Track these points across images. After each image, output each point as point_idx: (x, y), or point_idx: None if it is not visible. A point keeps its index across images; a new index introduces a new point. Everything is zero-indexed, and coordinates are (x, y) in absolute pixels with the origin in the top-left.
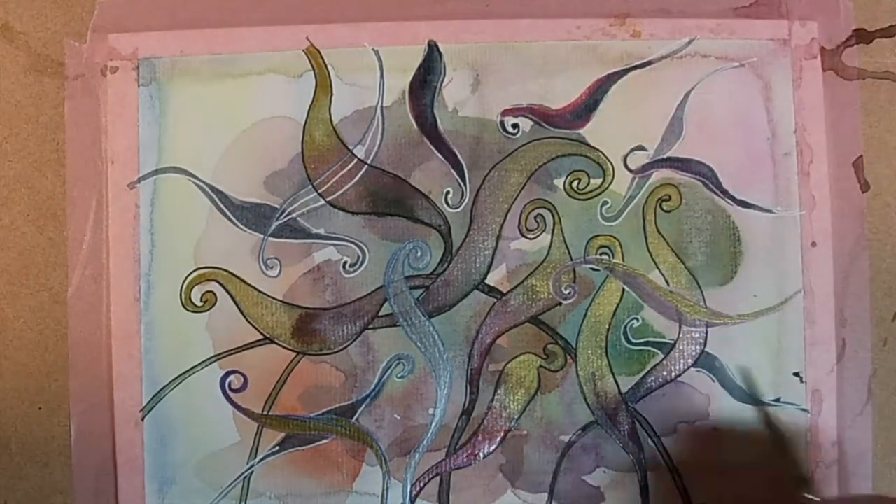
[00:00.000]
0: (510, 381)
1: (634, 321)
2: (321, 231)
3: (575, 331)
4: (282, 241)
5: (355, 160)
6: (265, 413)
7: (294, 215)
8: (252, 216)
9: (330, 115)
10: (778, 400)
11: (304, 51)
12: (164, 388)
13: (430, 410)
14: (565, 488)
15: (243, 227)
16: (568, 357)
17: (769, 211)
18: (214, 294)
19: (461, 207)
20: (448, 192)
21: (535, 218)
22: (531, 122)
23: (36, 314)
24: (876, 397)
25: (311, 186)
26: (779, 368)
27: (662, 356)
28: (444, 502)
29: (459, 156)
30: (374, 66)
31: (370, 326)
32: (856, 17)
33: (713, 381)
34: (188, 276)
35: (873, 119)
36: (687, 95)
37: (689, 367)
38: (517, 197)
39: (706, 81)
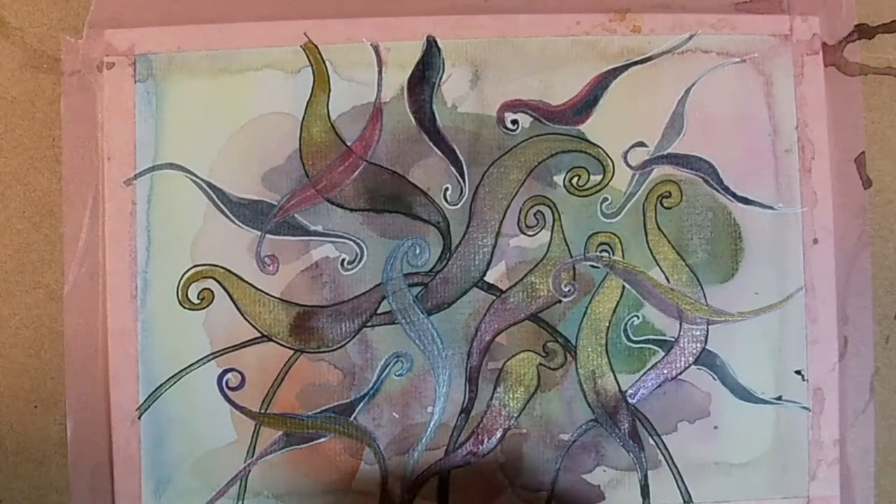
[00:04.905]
0: (509, 379)
1: (635, 319)
2: (319, 228)
3: (575, 328)
4: (279, 238)
5: (353, 157)
6: (263, 411)
7: (292, 212)
8: (249, 213)
9: (328, 111)
10: (779, 398)
11: (301, 46)
12: (160, 386)
13: (429, 409)
14: (565, 487)
15: (241, 224)
16: (568, 355)
17: (770, 208)
18: (212, 291)
19: (460, 204)
20: (447, 189)
21: (534, 215)
22: (531, 119)
23: (31, 312)
24: (878, 395)
25: (308, 183)
26: (780, 366)
27: (663, 354)
28: (443, 501)
29: (458, 152)
30: (372, 61)
31: (368, 324)
32: (858, 13)
33: (714, 378)
34: (185, 273)
35: (875, 115)
36: (688, 91)
37: (689, 365)
38: (516, 193)
39: (707, 77)
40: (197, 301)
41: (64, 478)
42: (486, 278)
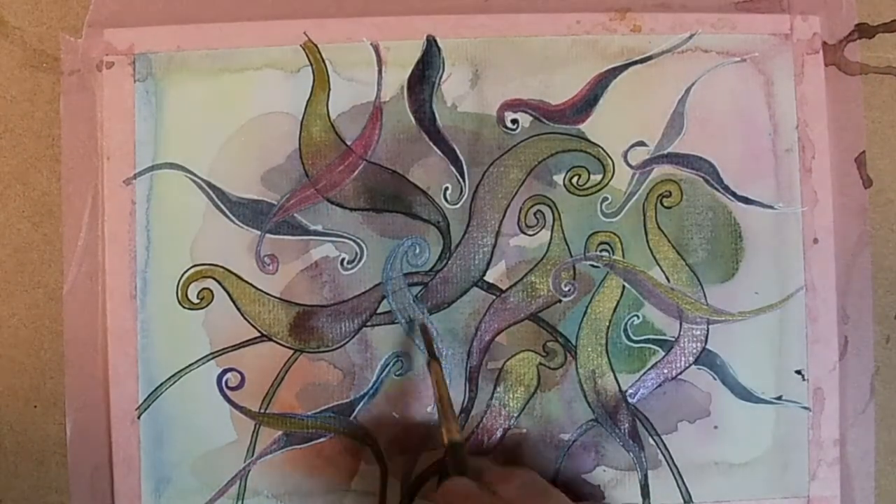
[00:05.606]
0: (509, 378)
1: (635, 318)
2: (319, 227)
3: (575, 328)
4: (279, 237)
5: (353, 156)
6: (263, 411)
7: (291, 212)
8: (249, 213)
9: (327, 110)
10: (779, 398)
11: (301, 46)
12: (160, 385)
13: (429, 408)
14: (565, 487)
15: (240, 224)
16: (568, 354)
17: (771, 207)
18: (211, 291)
19: (460, 204)
20: (447, 189)
21: (534, 214)
22: (531, 118)
23: (31, 311)
24: (878, 395)
25: (308, 183)
26: (780, 366)
27: (663, 353)
28: None
29: (458, 151)
30: (372, 61)
31: (368, 324)
32: (858, 12)
33: (714, 378)
34: (185, 272)
35: (876, 114)
36: (688, 91)
37: (690, 365)
38: (516, 193)
39: (707, 76)
40: (196, 301)
41: (64, 478)
42: (486, 278)
